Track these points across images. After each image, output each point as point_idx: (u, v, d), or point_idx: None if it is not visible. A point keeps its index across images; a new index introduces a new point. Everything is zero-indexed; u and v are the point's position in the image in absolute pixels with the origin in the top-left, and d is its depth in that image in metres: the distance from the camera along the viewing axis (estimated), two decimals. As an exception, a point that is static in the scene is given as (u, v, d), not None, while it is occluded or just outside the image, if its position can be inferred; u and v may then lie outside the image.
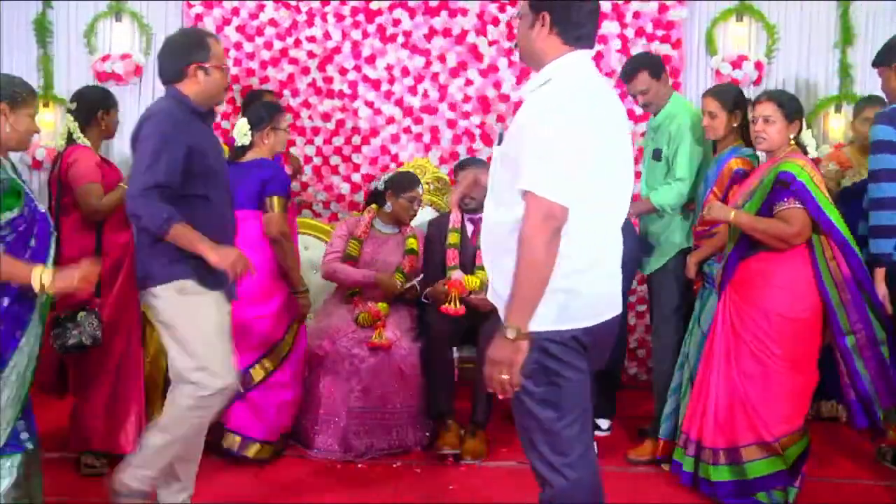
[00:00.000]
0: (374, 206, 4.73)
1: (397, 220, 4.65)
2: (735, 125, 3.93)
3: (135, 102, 5.80)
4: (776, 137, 3.60)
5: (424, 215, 5.05)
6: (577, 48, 2.45)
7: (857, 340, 3.52)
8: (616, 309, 2.55)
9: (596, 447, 2.74)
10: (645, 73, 4.26)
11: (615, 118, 2.52)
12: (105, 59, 5.85)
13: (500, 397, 2.36)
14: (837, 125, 5.64)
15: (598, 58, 5.65)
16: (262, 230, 3.98)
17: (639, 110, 4.98)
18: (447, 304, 4.21)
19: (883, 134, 3.65)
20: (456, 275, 4.31)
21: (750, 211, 3.56)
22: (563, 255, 2.32)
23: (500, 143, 2.49)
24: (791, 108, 3.62)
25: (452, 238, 4.51)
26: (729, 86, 4.38)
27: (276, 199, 3.97)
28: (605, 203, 2.45)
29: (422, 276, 4.51)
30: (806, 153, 3.65)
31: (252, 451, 4.01)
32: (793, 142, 3.63)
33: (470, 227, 4.55)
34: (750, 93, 5.26)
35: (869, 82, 5.58)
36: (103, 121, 4.05)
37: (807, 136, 3.67)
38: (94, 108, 4.04)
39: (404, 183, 4.63)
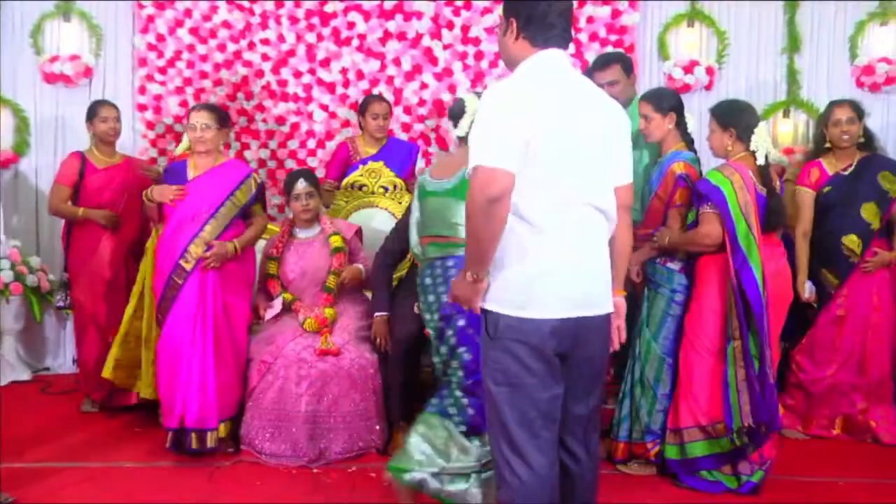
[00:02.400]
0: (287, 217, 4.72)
1: (302, 223, 4.61)
2: (670, 127, 3.97)
3: (84, 105, 5.69)
4: (715, 146, 3.89)
5: (384, 219, 5.06)
6: (546, 49, 2.50)
7: (734, 349, 3.71)
8: (595, 308, 2.53)
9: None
10: (618, 66, 4.37)
11: (592, 113, 2.50)
12: (53, 60, 5.76)
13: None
14: (786, 129, 5.74)
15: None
16: None
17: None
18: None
19: None
20: None
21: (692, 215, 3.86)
22: (525, 243, 2.39)
23: None
24: (724, 117, 3.83)
25: None
26: (663, 89, 4.45)
27: None
28: (573, 194, 2.44)
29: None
30: (755, 159, 3.79)
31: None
32: (731, 148, 3.81)
33: None
34: (701, 98, 5.36)
35: (814, 87, 5.71)
36: (91, 131, 4.91)
37: (756, 142, 3.76)
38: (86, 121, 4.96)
39: (287, 185, 4.59)
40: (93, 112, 4.92)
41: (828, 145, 4.64)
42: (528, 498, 2.45)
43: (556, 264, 2.43)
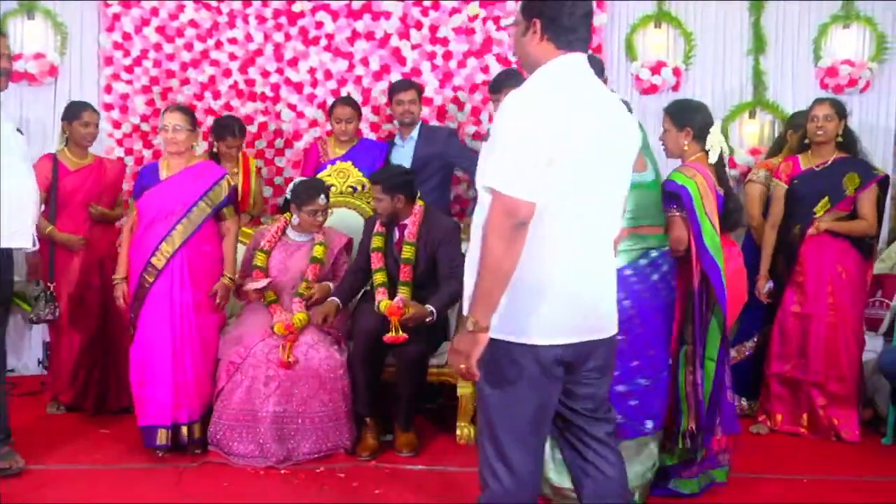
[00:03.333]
0: (286, 214, 4.70)
1: (306, 230, 4.62)
2: None
3: (50, 104, 5.66)
4: (670, 145, 3.83)
5: (353, 219, 5.05)
6: (570, 52, 2.42)
7: (686, 353, 3.68)
8: (605, 331, 2.48)
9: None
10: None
11: (609, 125, 2.41)
12: (17, 58, 5.66)
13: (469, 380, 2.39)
14: (752, 130, 5.80)
15: (521, 63, 5.70)
16: None
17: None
18: (390, 334, 4.16)
19: None
20: (396, 301, 4.26)
21: None
22: (537, 261, 2.29)
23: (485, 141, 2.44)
24: (680, 116, 3.77)
25: (376, 242, 4.50)
26: None
27: None
28: (589, 211, 2.37)
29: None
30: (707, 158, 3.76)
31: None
32: (688, 147, 3.76)
33: (396, 234, 4.53)
34: (668, 98, 5.40)
35: (779, 88, 5.77)
36: (67, 131, 4.84)
37: (711, 141, 3.74)
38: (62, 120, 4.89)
39: (304, 196, 4.54)
40: (75, 114, 4.85)
41: (807, 142, 4.73)
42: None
43: (567, 286, 2.35)
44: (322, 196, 4.53)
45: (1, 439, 3.97)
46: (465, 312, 2.41)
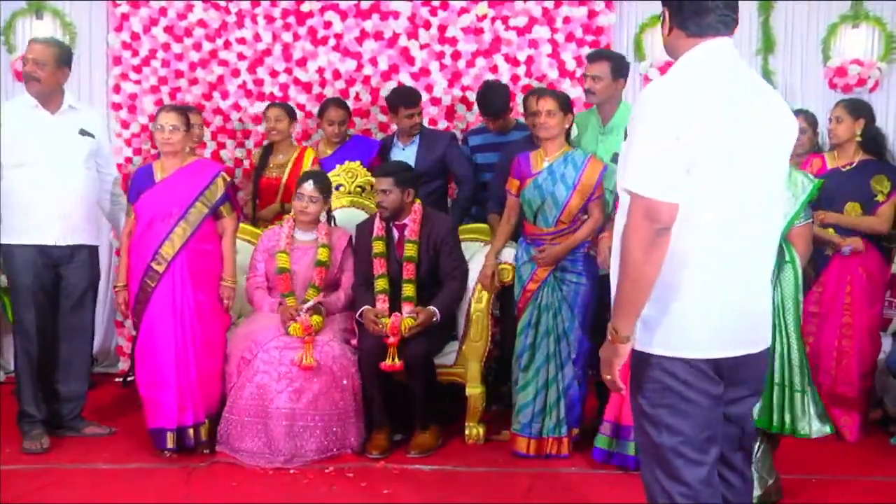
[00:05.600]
0: (291, 213, 4.67)
1: (300, 223, 4.57)
2: (567, 126, 4.25)
3: (57, 103, 5.65)
4: None
5: (361, 219, 5.03)
6: (706, 38, 2.26)
7: None
8: (759, 344, 2.34)
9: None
10: (605, 63, 4.37)
11: (757, 114, 2.22)
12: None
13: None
14: (761, 130, 5.78)
15: (529, 62, 5.71)
16: None
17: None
18: (386, 362, 4.15)
19: None
20: (393, 320, 4.24)
21: None
22: (686, 266, 2.16)
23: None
24: None
25: (377, 247, 4.49)
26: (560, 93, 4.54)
27: None
28: (740, 209, 2.19)
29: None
30: None
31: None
32: None
33: (396, 235, 4.54)
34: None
35: (789, 89, 5.75)
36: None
37: None
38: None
39: (298, 181, 4.60)
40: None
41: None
42: None
43: (720, 295, 2.21)
44: (310, 181, 4.49)
45: (34, 421, 4.14)
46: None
